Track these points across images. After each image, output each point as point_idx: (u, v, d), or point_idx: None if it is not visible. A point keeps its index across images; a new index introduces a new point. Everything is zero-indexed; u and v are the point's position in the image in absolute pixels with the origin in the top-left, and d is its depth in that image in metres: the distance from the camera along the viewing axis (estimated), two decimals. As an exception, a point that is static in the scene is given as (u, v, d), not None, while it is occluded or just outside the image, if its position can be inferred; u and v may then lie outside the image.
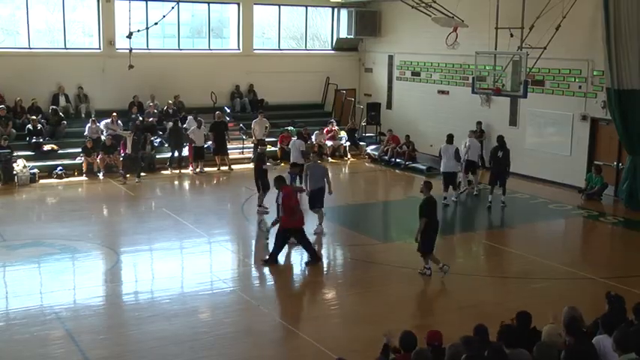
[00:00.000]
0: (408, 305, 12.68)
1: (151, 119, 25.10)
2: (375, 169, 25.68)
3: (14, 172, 21.67)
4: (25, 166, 21.75)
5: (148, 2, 26.19)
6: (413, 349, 7.60)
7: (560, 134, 22.35)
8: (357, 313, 12.49)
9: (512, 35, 20.81)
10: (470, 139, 20.97)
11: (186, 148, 24.30)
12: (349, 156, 27.22)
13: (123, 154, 22.90)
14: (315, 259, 14.73)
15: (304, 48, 30.15)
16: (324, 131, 27.00)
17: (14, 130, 23.37)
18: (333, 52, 30.51)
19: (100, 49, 25.90)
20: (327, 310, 12.86)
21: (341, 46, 30.39)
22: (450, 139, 20.28)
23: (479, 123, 24.01)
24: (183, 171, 23.91)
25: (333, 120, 27.87)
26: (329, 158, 26.70)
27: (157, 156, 24.24)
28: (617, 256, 16.35)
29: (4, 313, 12.16)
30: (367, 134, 28.96)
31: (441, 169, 20.24)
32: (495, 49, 21.44)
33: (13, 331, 11.28)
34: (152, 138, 24.11)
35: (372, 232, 18.11)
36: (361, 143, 27.95)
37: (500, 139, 19.80)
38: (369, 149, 27.26)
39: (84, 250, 15.53)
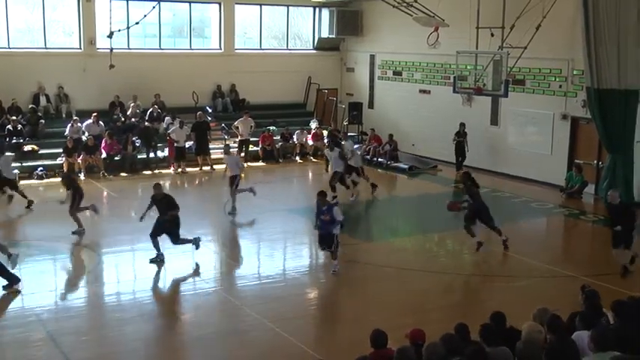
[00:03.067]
0: (391, 304, 12.69)
1: (132, 119, 25.02)
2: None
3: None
4: (4, 167, 21.55)
5: (129, 1, 26.07)
6: (383, 346, 7.73)
7: (541, 133, 22.48)
8: (340, 313, 12.53)
9: (492, 35, 20.91)
10: (346, 142, 20.91)
11: (167, 148, 24.30)
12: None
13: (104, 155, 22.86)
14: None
15: (286, 48, 30.13)
16: (311, 135, 26.99)
17: (-7, 131, 23.23)
18: (314, 51, 30.50)
19: (80, 48, 25.76)
20: (311, 310, 12.88)
21: (322, 45, 30.40)
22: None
23: (462, 124, 24.05)
24: (164, 171, 23.84)
25: (315, 120, 27.85)
26: (312, 158, 26.70)
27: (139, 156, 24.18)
28: (597, 254, 16.45)
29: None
30: (349, 134, 28.95)
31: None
32: (476, 48, 21.53)
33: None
34: (133, 138, 24.02)
35: (355, 231, 18.12)
36: (344, 143, 27.90)
37: None
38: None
39: (65, 251, 15.45)
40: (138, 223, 17.46)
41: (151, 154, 24.16)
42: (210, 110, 27.01)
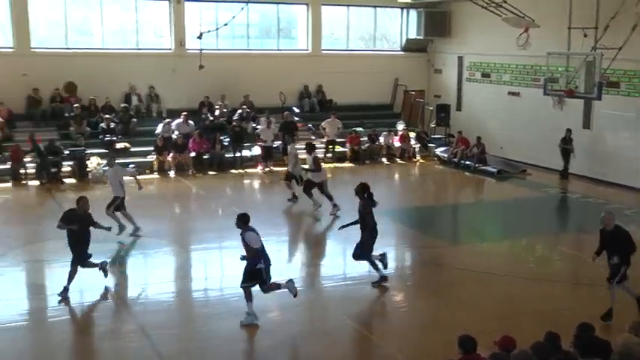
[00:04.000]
0: (478, 309, 12.48)
1: (221, 119, 25.48)
2: (444, 171, 25.43)
3: (88, 169, 22.23)
4: (98, 164, 22.25)
5: (218, 3, 26.52)
6: (472, 351, 7.67)
7: (636, 137, 21.74)
8: (425, 316, 12.38)
9: (585, 35, 20.33)
10: (290, 146, 20.31)
11: (255, 147, 24.62)
12: (418, 158, 27.02)
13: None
14: None
15: (373, 49, 30.07)
16: (398, 137, 26.87)
17: (88, 129, 23.99)
18: (402, 52, 30.35)
19: (171, 49, 26.33)
20: (396, 312, 12.79)
21: (410, 46, 30.22)
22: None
23: (568, 130, 23.16)
24: (251, 170, 24.13)
25: (402, 122, 27.75)
26: (398, 160, 26.54)
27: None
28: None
29: (78, 305, 12.47)
30: (436, 136, 28.69)
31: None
32: (568, 49, 20.97)
33: (88, 324, 11.56)
34: (221, 137, 24.42)
35: (441, 234, 17.94)
36: (430, 145, 27.70)
37: None
38: (438, 151, 27.01)
39: (155, 247, 15.77)
40: (225, 221, 17.79)
41: (238, 153, 24.48)
42: (297, 110, 27.21)
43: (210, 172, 23.63)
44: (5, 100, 23.77)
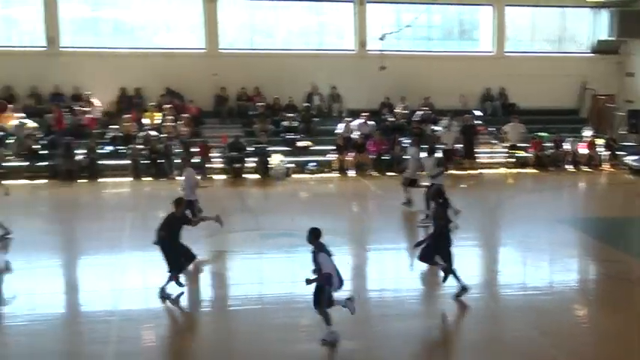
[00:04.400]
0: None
1: (401, 120, 25.50)
2: (635, 181, 24.01)
3: (270, 166, 22.92)
4: (280, 161, 22.89)
5: (400, 5, 26.53)
6: None
7: None
8: (608, 333, 11.66)
9: None
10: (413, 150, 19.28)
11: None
12: (606, 166, 25.67)
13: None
14: None
15: (559, 50, 28.92)
16: (585, 143, 25.73)
17: (271, 127, 24.75)
18: (590, 55, 29.00)
19: (353, 50, 26.62)
20: (577, 327, 12.16)
21: (600, 48, 28.79)
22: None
23: None
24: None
25: (589, 128, 26.52)
26: (584, 167, 25.36)
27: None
28: None
29: (258, 297, 12.88)
30: (627, 143, 27.12)
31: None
32: None
33: (267, 316, 11.85)
34: (400, 139, 24.39)
35: (630, 247, 16.88)
36: (620, 153, 26.22)
37: None
38: (629, 159, 25.51)
39: (332, 244, 15.85)
40: (401, 221, 17.75)
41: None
42: (478, 114, 26.69)
43: (389, 173, 23.63)
44: (195, 99, 25.07)
